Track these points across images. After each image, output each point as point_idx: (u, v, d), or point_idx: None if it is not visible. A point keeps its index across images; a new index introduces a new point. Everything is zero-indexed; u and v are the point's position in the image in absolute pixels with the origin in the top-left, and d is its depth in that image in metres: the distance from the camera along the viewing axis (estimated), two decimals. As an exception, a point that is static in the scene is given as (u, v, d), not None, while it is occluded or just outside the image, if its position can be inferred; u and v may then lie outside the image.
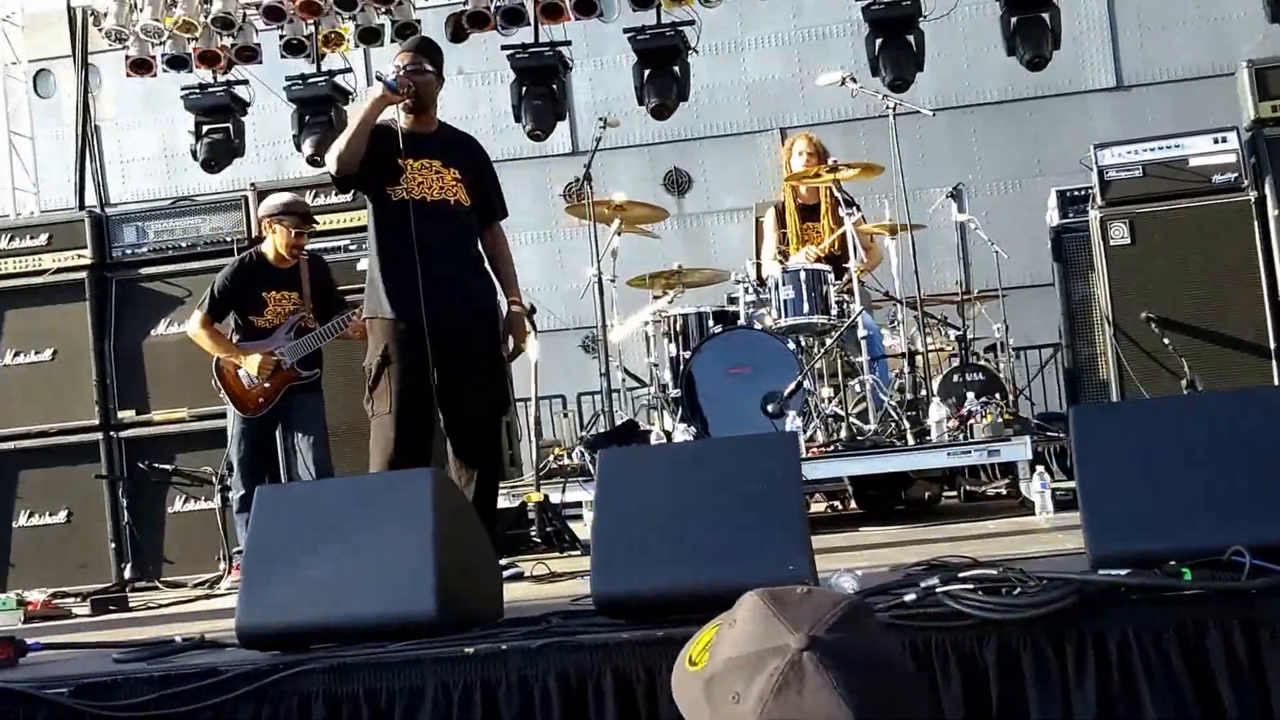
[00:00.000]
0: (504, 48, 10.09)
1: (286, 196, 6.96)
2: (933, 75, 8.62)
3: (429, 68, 5.47)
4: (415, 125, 5.45)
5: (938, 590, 3.18)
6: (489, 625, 3.69)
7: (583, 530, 6.99)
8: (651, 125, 13.52)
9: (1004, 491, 7.66)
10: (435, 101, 5.55)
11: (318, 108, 9.73)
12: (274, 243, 6.77)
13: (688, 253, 8.19)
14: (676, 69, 9.78)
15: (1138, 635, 2.91)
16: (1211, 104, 11.26)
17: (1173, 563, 2.94)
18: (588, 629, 3.43)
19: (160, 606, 6.11)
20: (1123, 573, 3.02)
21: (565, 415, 11.93)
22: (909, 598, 3.21)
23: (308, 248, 6.95)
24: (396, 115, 5.40)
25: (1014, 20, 8.89)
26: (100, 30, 10.11)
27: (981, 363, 7.79)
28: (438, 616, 3.47)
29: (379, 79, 5.32)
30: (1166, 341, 6.02)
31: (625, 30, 9.93)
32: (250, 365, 6.61)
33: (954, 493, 8.03)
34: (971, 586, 3.16)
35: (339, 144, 5.33)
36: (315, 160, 9.10)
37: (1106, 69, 13.54)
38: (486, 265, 5.64)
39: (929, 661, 3.09)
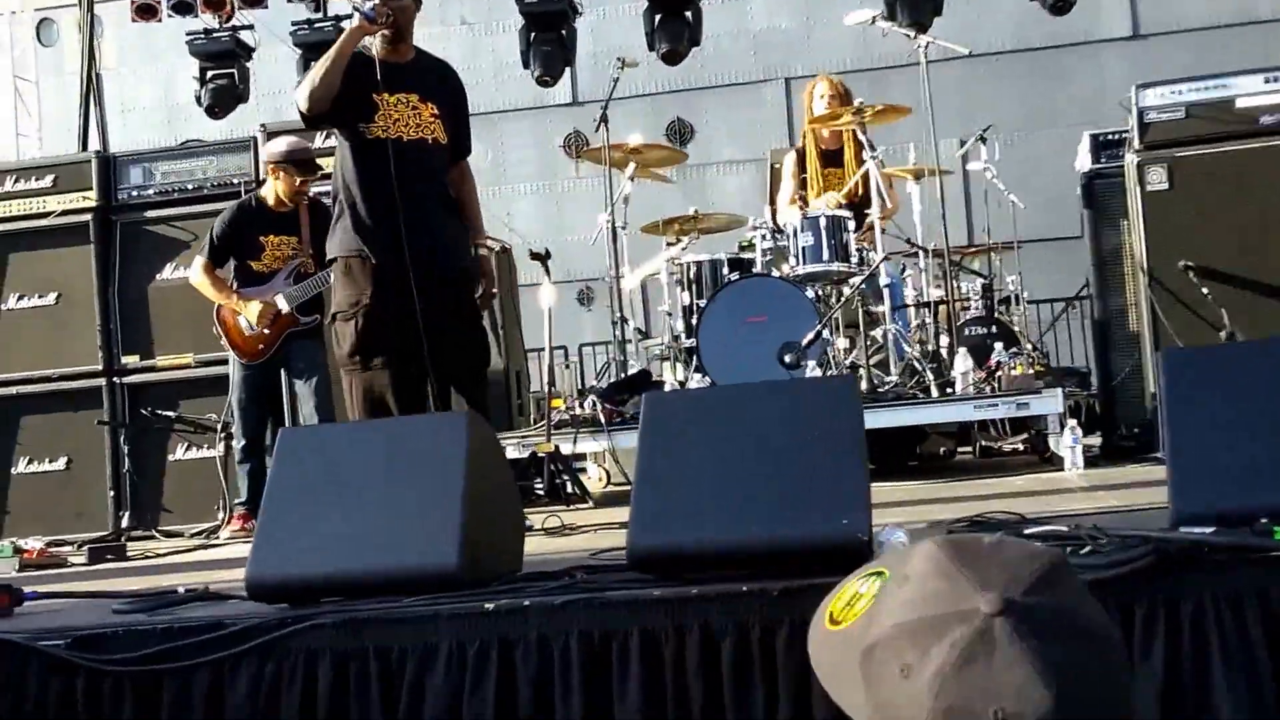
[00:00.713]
0: (513, -9, 9.90)
1: (290, 141, 6.85)
2: (942, 26, 8.38)
3: None
4: (391, 54, 5.18)
5: (1002, 547, 3.00)
6: (509, 580, 3.52)
7: (591, 483, 6.87)
8: (654, 75, 13.39)
9: (1020, 447, 7.51)
10: (412, 28, 5.26)
11: (323, 53, 9.50)
12: (275, 188, 6.68)
13: (688, 205, 7.97)
14: (688, 13, 9.60)
15: (1215, 600, 2.70)
16: (1231, 54, 11.07)
17: (1264, 521, 2.73)
18: (615, 585, 3.25)
19: (158, 556, 5.95)
20: (1207, 531, 2.83)
21: (567, 367, 11.79)
22: (965, 554, 3.03)
23: (311, 192, 6.79)
24: (371, 43, 5.15)
25: (1038, -38, 8.67)
26: (105, -28, 9.94)
27: (996, 315, 7.61)
28: (458, 570, 3.28)
29: (355, 9, 5.06)
30: (1205, 291, 5.79)
31: (636, -28, 9.75)
32: (250, 313, 6.49)
33: (969, 449, 7.87)
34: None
35: (311, 78, 5.05)
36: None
37: (1123, 17, 13.28)
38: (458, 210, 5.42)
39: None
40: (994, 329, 7.32)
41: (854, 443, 3.27)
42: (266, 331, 6.53)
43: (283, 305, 6.51)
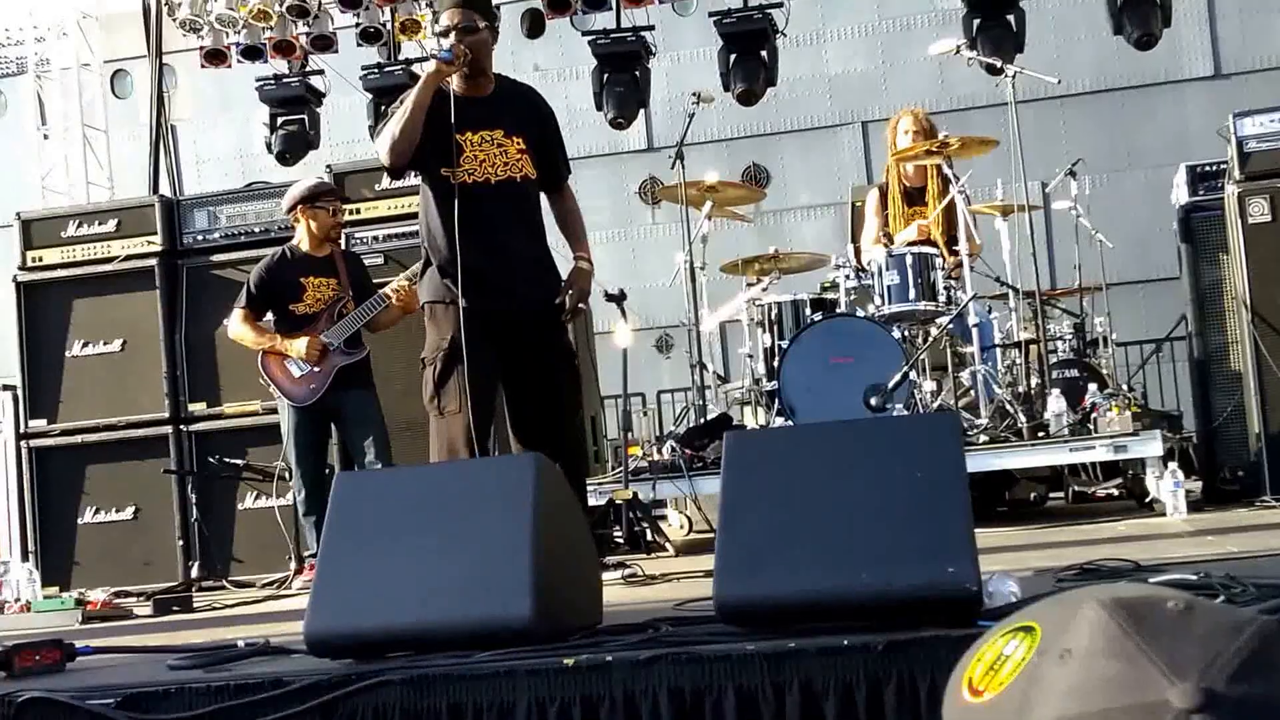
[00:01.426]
0: (585, 33, 9.84)
1: (311, 181, 6.78)
2: (1022, 63, 8.13)
3: (480, 22, 4.91)
4: (471, 89, 4.96)
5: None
6: (588, 633, 3.31)
7: (672, 530, 6.65)
8: (729, 119, 13.26)
9: (1115, 492, 7.19)
10: (491, 59, 5.04)
11: (395, 97, 9.41)
12: (309, 229, 6.55)
13: (764, 251, 7.76)
14: (764, 53, 9.46)
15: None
16: (1316, 92, 10.73)
17: None
18: (705, 639, 3.02)
19: (226, 607, 5.80)
20: None
21: (645, 414, 11.60)
22: (1084, 606, 2.76)
23: (341, 244, 6.76)
24: (450, 79, 4.89)
25: (1120, -2, 8.43)
26: (174, 21, 9.98)
27: (1084, 358, 7.32)
28: (533, 622, 3.07)
29: (432, 56, 4.90)
30: (1311, 327, 5.52)
31: (711, 14, 9.66)
32: (297, 348, 6.35)
33: (1060, 494, 7.55)
34: (1166, 593, 2.70)
35: (392, 130, 4.82)
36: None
37: (1204, 55, 12.96)
38: (549, 245, 5.23)
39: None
40: (1085, 371, 7.03)
41: (956, 484, 3.04)
42: (316, 369, 6.38)
43: (329, 340, 6.39)
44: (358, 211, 7.23)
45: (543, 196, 5.22)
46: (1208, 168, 6.26)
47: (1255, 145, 5.80)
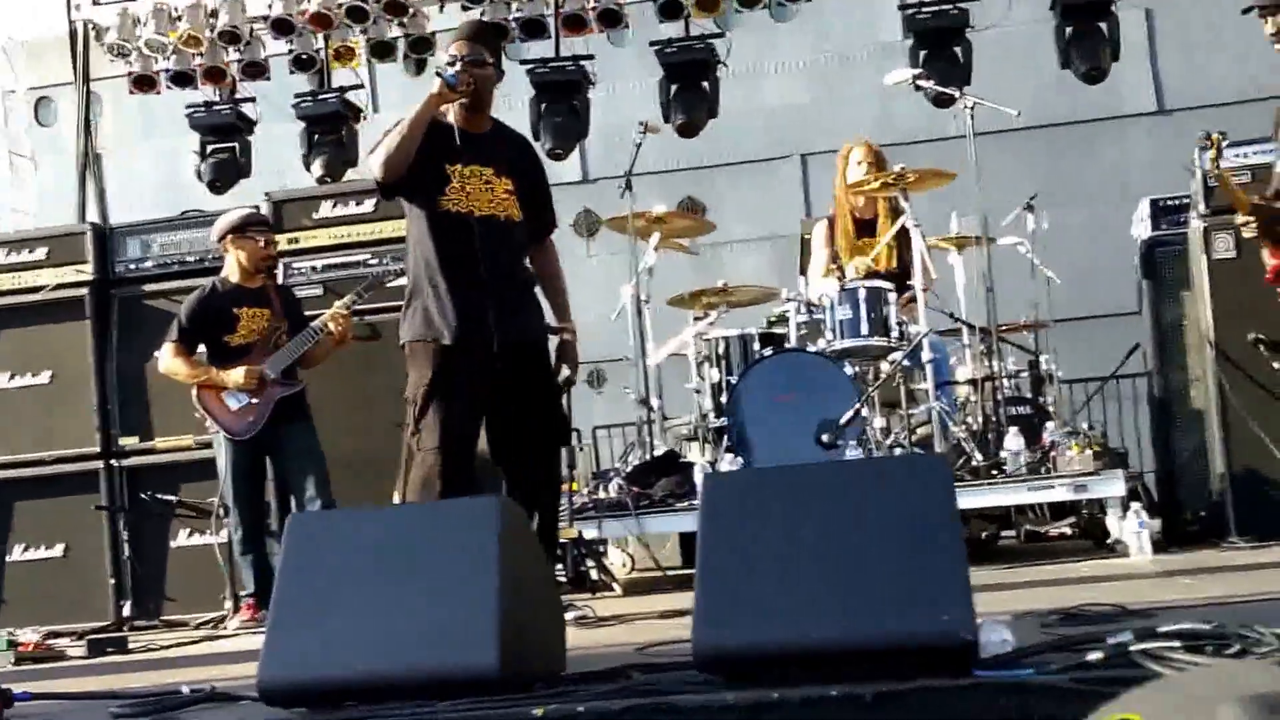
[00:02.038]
0: (523, 62, 9.66)
1: (241, 211, 6.66)
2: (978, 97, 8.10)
3: (489, 59, 4.92)
4: (468, 124, 4.90)
5: (1132, 648, 2.60)
6: (553, 681, 3.13)
7: (615, 569, 6.50)
8: (666, 151, 13.09)
9: (1068, 531, 7.12)
10: (491, 99, 4.99)
11: (328, 125, 9.34)
12: (239, 260, 6.41)
13: (702, 285, 7.62)
14: (705, 84, 9.34)
15: None
16: (1257, 128, 10.78)
17: None
18: (680, 688, 2.85)
19: (162, 648, 5.56)
20: None
21: (581, 450, 11.40)
22: (1093, 657, 2.63)
23: (280, 280, 6.69)
24: (448, 110, 4.85)
25: (1069, 31, 8.42)
26: (102, 45, 9.74)
27: (1039, 396, 7.24)
28: (499, 671, 2.89)
29: (438, 74, 4.76)
30: (1277, 366, 5.44)
31: (652, 43, 9.52)
32: (234, 378, 6.18)
33: (1011, 533, 7.46)
34: (1178, 644, 2.58)
35: (388, 145, 4.73)
36: (325, 181, 8.66)
37: (1147, 91, 13.03)
38: (535, 286, 5.12)
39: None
40: (1035, 409, 6.94)
41: (948, 527, 2.90)
42: (255, 401, 6.18)
43: (267, 371, 6.18)
44: (295, 241, 7.04)
45: None
46: (1171, 201, 6.21)
47: (1220, 180, 5.73)
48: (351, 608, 3.06)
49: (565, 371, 5.08)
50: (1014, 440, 5.98)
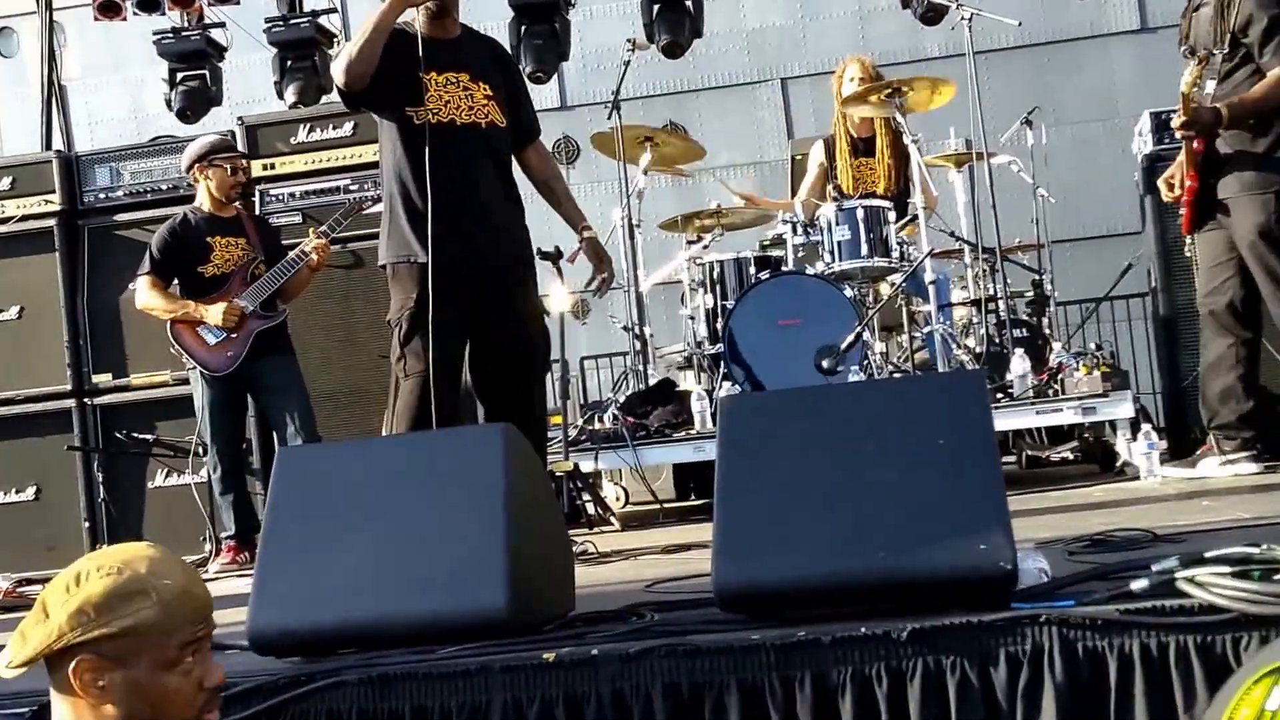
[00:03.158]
0: (501, -17, 9.37)
1: (210, 137, 6.44)
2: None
3: None
4: (437, 30, 4.67)
5: (1178, 575, 2.45)
6: (564, 623, 2.98)
7: (609, 503, 6.35)
8: (645, 75, 12.86)
9: (1070, 456, 6.97)
10: (458, 3, 4.77)
11: (300, 51, 9.06)
12: (209, 189, 6.20)
13: (686, 211, 7.41)
14: (689, 2, 9.08)
15: None
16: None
17: None
18: (701, 627, 2.69)
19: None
20: None
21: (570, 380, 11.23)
22: (1137, 585, 2.48)
23: (257, 210, 6.53)
24: (414, 18, 4.62)
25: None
26: (64, -29, 9.44)
27: (1023, 317, 7.06)
28: (508, 613, 2.74)
29: None
30: (1289, 278, 5.25)
31: (632, -39, 9.24)
32: (213, 314, 5.97)
33: (1011, 459, 7.32)
34: (1226, 569, 2.42)
35: (348, 51, 4.53)
36: (298, 108, 8.41)
37: (1130, 9, 12.83)
38: (518, 196, 4.89)
39: (1166, 674, 2.37)
40: (1033, 331, 6.77)
41: (986, 450, 2.73)
42: (234, 336, 5.97)
43: (245, 303, 5.97)
44: (271, 167, 6.79)
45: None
46: (1172, 114, 5.97)
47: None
48: (346, 548, 2.90)
49: (600, 277, 4.95)
50: (1019, 363, 5.82)
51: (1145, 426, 5.28)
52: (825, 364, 5.95)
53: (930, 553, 2.58)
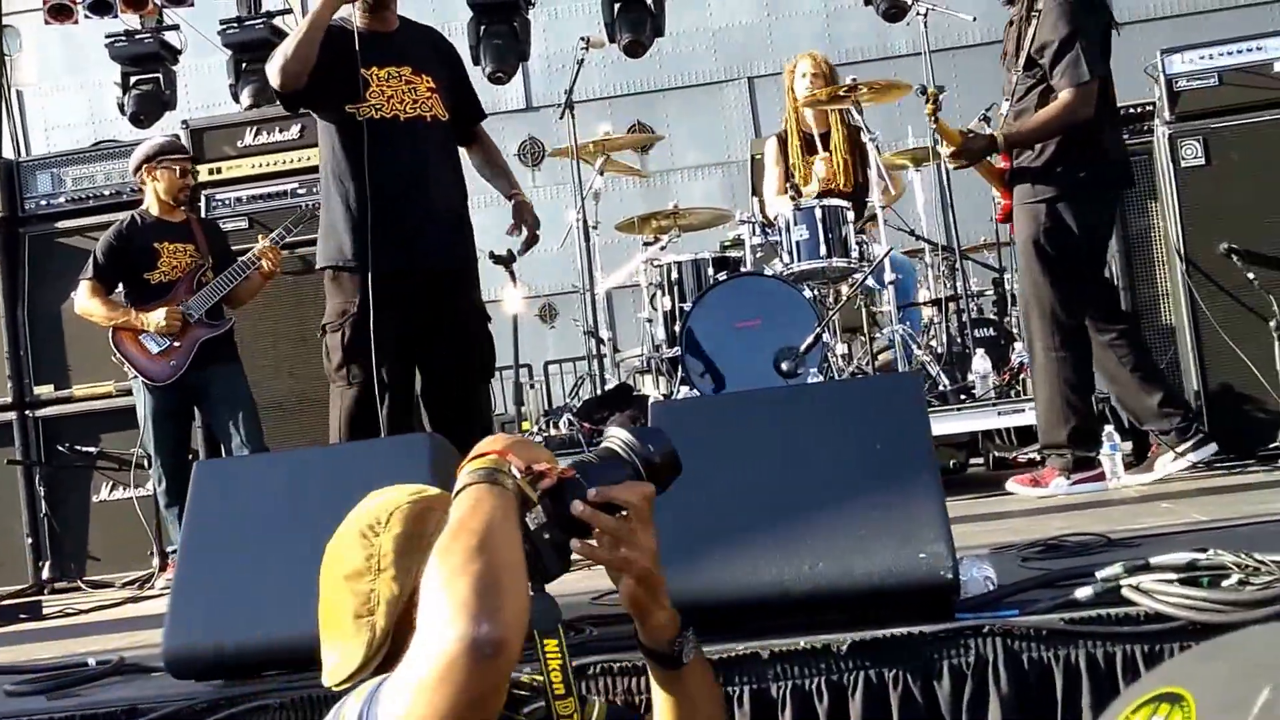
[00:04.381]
0: (462, -17, 9.28)
1: (158, 139, 6.29)
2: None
3: None
4: (375, 24, 4.55)
5: (1123, 583, 2.36)
6: (498, 637, 2.85)
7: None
8: (612, 76, 12.81)
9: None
10: None
11: (256, 53, 8.88)
12: (157, 191, 6.06)
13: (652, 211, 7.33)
14: (650, 1, 8.97)
15: None
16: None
17: None
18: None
19: (81, 613, 5.21)
20: None
21: (532, 387, 11.15)
22: (1082, 594, 2.39)
23: (203, 214, 6.33)
24: (351, 13, 4.46)
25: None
26: (15, -26, 9.28)
27: (989, 316, 7.00)
28: (438, 629, 2.60)
29: None
30: (1251, 276, 5.18)
31: (594, -41, 9.14)
32: (154, 320, 5.83)
33: (979, 460, 7.23)
34: (1172, 576, 2.33)
35: (283, 49, 4.37)
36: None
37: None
38: (464, 191, 4.78)
39: (1113, 684, 2.29)
40: (999, 330, 6.70)
41: (924, 456, 2.63)
42: (177, 344, 5.83)
43: (189, 311, 5.84)
44: (218, 171, 6.65)
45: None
46: (1133, 109, 5.93)
47: (1186, 84, 5.46)
48: (268, 564, 2.79)
49: (525, 233, 4.77)
50: (981, 362, 5.74)
51: (1108, 427, 5.17)
52: (785, 366, 5.85)
53: (870, 562, 2.49)
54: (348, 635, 1.83)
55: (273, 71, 4.40)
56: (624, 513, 1.77)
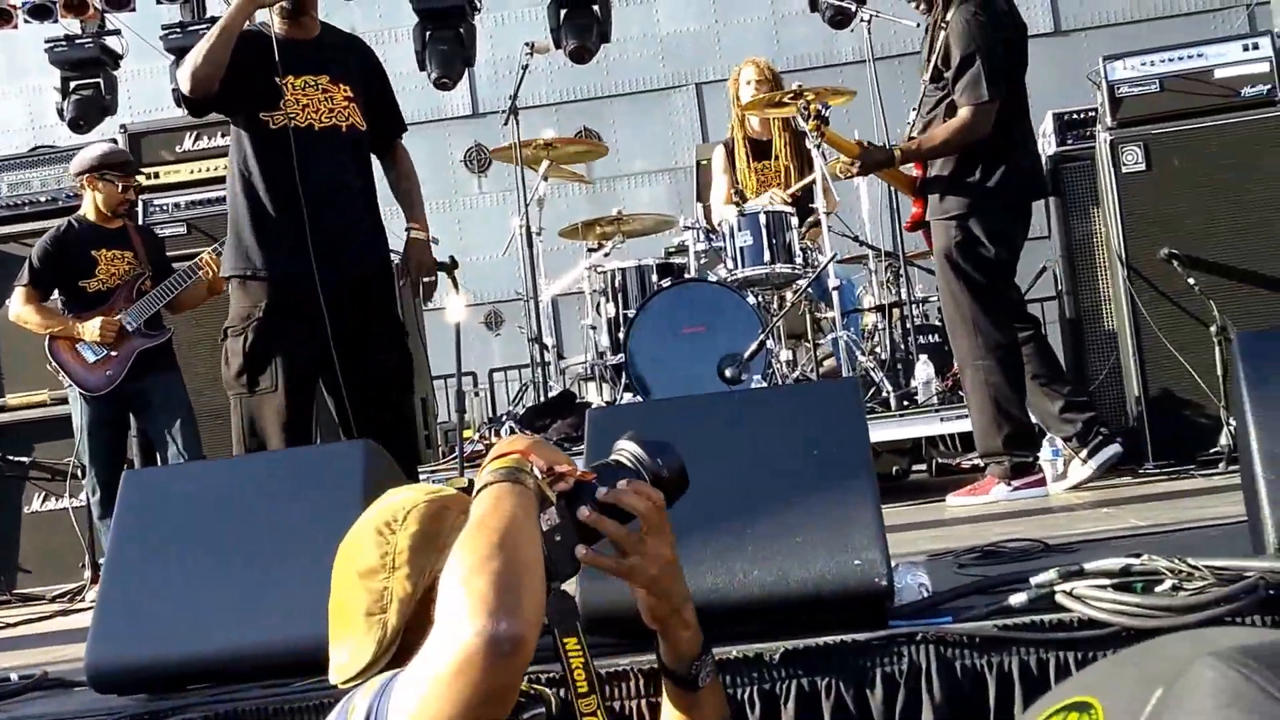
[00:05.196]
0: (406, -10, 9.21)
1: (104, 148, 6.17)
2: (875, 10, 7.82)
3: None
4: (294, 30, 4.42)
5: (1057, 589, 2.34)
6: (429, 651, 2.80)
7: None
8: (559, 82, 12.78)
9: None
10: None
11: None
12: (95, 201, 5.96)
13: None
14: (596, 7, 8.94)
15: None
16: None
17: None
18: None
19: (8, 626, 5.11)
20: None
21: (477, 395, 11.09)
22: (1017, 600, 2.38)
23: (140, 220, 6.22)
24: (270, 19, 4.36)
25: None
26: (-50, -22, 9.11)
27: (935, 323, 7.00)
28: (363, 643, 2.55)
29: None
30: (1191, 281, 5.20)
31: (540, -37, 9.08)
32: (90, 330, 5.73)
33: (923, 467, 7.23)
34: (1106, 582, 2.32)
35: (194, 54, 4.24)
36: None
37: (1044, 12, 12.93)
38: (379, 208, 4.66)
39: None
40: (935, 338, 6.70)
41: (860, 462, 2.60)
42: (113, 354, 5.74)
43: (126, 321, 5.74)
44: (156, 176, 6.56)
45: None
46: (1075, 115, 5.95)
47: (1127, 90, 5.48)
48: (195, 576, 2.73)
49: (410, 276, 4.63)
50: (924, 369, 5.74)
51: (1049, 433, 5.18)
52: (729, 373, 5.82)
53: (805, 570, 2.47)
54: (358, 632, 1.80)
55: (182, 76, 4.28)
56: (634, 520, 1.77)
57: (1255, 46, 5.39)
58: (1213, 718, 0.89)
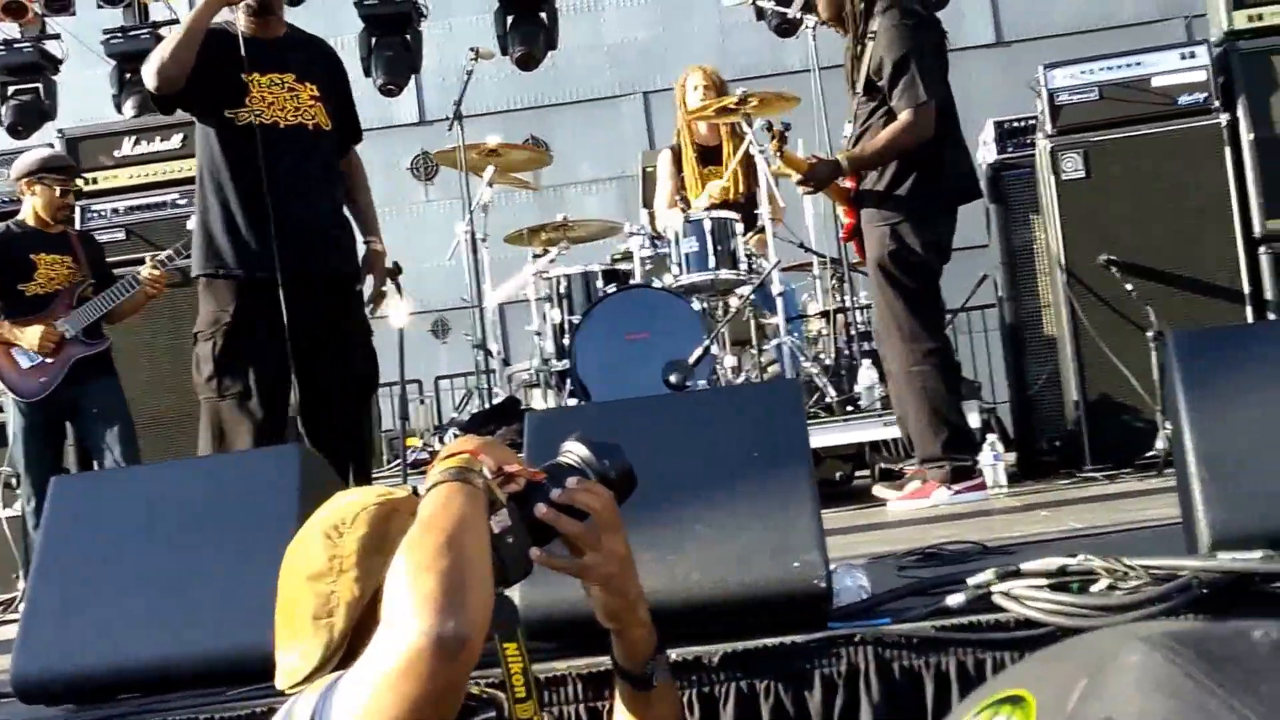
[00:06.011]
0: (351, -6, 9.15)
1: (44, 153, 6.11)
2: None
3: None
4: (260, 29, 4.40)
5: (994, 589, 2.35)
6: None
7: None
8: (506, 89, 12.76)
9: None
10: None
11: (140, 64, 8.68)
12: (35, 206, 5.88)
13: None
14: (543, 14, 8.94)
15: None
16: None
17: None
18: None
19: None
20: (1254, 556, 2.25)
21: (422, 402, 11.05)
22: (954, 600, 2.38)
23: (78, 225, 6.15)
24: (235, 19, 4.35)
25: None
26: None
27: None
28: (296, 651, 2.52)
29: None
30: (1129, 288, 5.25)
31: (488, -30, 9.06)
32: (29, 338, 5.64)
33: (866, 473, 7.25)
34: (1043, 582, 2.32)
35: (160, 51, 4.25)
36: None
37: (985, 23, 13.04)
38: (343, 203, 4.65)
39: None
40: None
41: (800, 464, 2.59)
42: (49, 361, 5.65)
43: (66, 329, 5.66)
44: (94, 181, 6.48)
45: None
46: (1016, 123, 6.00)
47: (1067, 98, 5.54)
48: (125, 583, 2.68)
49: (372, 288, 4.67)
50: (867, 374, 5.75)
51: (991, 437, 5.21)
52: (674, 379, 5.81)
53: (745, 573, 2.45)
54: (305, 636, 1.77)
55: (149, 73, 4.26)
56: (588, 519, 1.77)
57: (1192, 55, 5.47)
58: (1136, 701, 0.88)
